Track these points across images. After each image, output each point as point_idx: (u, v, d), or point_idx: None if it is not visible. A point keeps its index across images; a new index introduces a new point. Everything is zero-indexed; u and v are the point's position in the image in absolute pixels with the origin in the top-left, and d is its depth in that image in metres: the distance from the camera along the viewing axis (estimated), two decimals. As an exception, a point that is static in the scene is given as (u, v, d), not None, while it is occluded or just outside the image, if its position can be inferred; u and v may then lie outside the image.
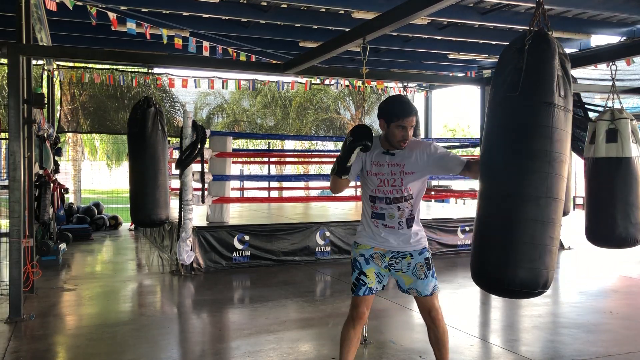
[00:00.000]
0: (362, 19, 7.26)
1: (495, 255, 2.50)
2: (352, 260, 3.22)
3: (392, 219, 3.08)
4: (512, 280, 2.43)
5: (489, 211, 2.58)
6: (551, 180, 2.42)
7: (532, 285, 2.43)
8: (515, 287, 2.44)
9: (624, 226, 4.17)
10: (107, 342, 4.46)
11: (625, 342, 4.44)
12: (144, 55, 6.74)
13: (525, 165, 2.42)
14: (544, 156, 2.41)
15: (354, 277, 3.16)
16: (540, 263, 2.41)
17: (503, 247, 2.46)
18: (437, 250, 8.67)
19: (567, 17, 8.39)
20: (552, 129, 2.42)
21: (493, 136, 2.58)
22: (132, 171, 5.40)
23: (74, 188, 19.75)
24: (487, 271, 2.56)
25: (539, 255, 2.41)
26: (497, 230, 2.51)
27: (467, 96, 42.88)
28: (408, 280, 3.13)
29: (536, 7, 2.61)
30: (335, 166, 3.02)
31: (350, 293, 3.19)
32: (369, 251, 3.15)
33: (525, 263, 2.41)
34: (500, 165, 2.51)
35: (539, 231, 2.41)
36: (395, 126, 2.97)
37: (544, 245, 2.42)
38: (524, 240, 2.41)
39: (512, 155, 2.46)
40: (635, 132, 4.29)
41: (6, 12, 7.61)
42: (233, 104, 17.30)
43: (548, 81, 2.45)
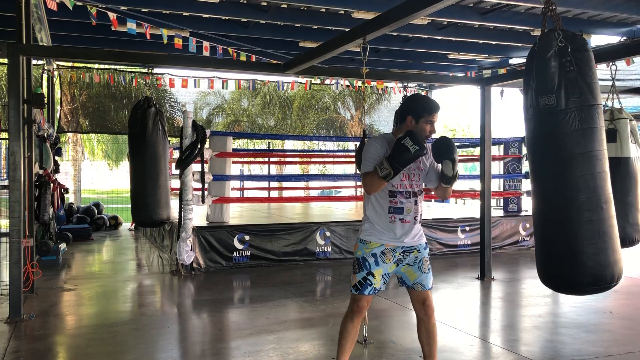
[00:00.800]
0: (362, 19, 7.26)
1: (561, 260, 2.58)
2: (359, 258, 3.18)
3: (409, 213, 3.16)
4: (582, 281, 2.54)
5: (550, 217, 2.64)
6: (599, 179, 2.53)
7: (602, 282, 2.56)
8: (586, 287, 2.57)
9: (622, 226, 4.16)
10: (107, 342, 4.46)
11: (625, 342, 4.44)
12: (144, 55, 6.75)
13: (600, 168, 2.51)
14: (602, 156, 2.51)
15: (360, 276, 3.15)
16: (606, 259, 2.55)
17: (566, 250, 2.55)
18: (437, 250, 8.68)
19: (567, 17, 8.40)
20: (601, 128, 2.54)
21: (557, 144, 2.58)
22: (133, 171, 5.41)
23: (74, 188, 19.75)
24: (556, 275, 2.64)
25: (604, 252, 2.54)
26: (558, 236, 2.58)
27: (467, 96, 42.87)
28: (413, 275, 3.19)
29: (545, 7, 2.62)
30: (389, 170, 2.95)
31: (352, 290, 3.20)
32: (380, 248, 3.15)
33: (590, 263, 2.51)
34: (550, 174, 2.57)
35: (594, 230, 2.51)
36: (425, 121, 3.11)
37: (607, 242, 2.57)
38: (583, 242, 2.52)
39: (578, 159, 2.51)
40: (634, 132, 4.30)
41: (6, 12, 7.61)
42: (233, 104, 17.30)
43: (596, 83, 2.54)
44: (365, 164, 3.10)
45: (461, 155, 17.67)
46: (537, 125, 2.60)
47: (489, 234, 6.99)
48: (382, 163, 2.98)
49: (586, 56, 2.53)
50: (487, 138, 6.97)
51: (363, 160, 3.13)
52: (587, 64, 2.52)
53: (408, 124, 3.13)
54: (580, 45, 2.54)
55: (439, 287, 6.44)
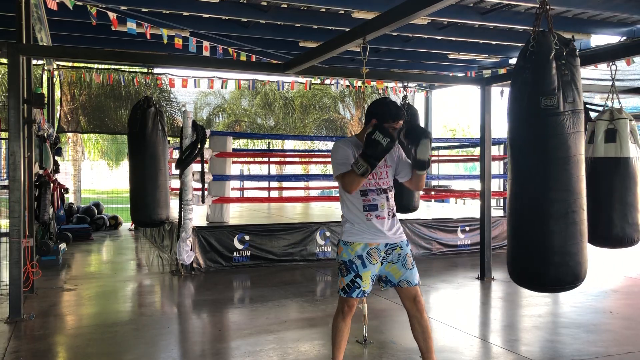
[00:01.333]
0: (362, 19, 7.26)
1: (531, 254, 2.66)
2: (345, 262, 3.21)
3: (383, 209, 3.21)
4: (549, 277, 2.61)
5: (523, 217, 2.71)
6: (577, 182, 2.61)
7: (567, 280, 2.63)
8: (552, 285, 2.65)
9: (621, 226, 4.18)
10: (107, 342, 4.46)
11: (625, 342, 4.44)
12: (144, 55, 6.75)
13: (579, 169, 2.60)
14: (583, 160, 2.58)
15: (348, 279, 3.18)
16: (574, 260, 2.61)
17: (538, 246, 2.62)
18: (437, 250, 8.68)
19: (567, 17, 8.40)
20: (583, 133, 2.61)
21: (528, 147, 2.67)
22: (133, 171, 5.41)
23: (74, 188, 19.74)
24: (526, 271, 2.72)
25: (573, 253, 2.62)
26: (531, 232, 2.65)
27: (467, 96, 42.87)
28: (397, 272, 3.22)
29: (539, 7, 2.63)
30: (366, 167, 2.98)
31: (340, 293, 3.23)
32: (365, 249, 3.18)
33: (558, 259, 2.59)
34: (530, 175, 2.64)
35: (570, 231, 2.59)
36: (389, 127, 3.13)
37: (577, 244, 2.64)
38: (557, 244, 2.60)
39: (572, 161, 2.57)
40: (634, 132, 4.30)
41: (6, 12, 7.61)
42: (233, 104, 17.30)
43: (581, 88, 2.61)
44: (337, 167, 3.16)
45: (461, 155, 17.66)
46: (531, 123, 2.61)
47: (489, 234, 6.99)
48: (357, 161, 3.01)
49: (577, 62, 2.61)
50: (487, 138, 6.98)
51: (334, 164, 3.18)
52: (578, 69, 2.60)
53: (371, 126, 3.16)
54: (572, 50, 2.61)
55: (439, 287, 6.44)
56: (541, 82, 2.55)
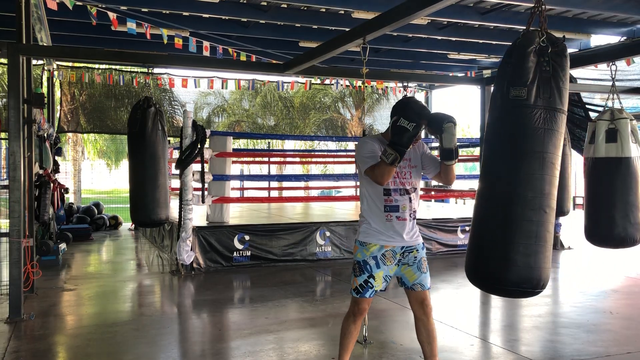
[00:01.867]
0: (362, 19, 7.26)
1: (491, 255, 2.56)
2: (359, 262, 3.17)
3: (405, 211, 3.16)
4: (507, 279, 2.50)
5: (486, 212, 2.64)
6: (556, 182, 2.52)
7: (527, 285, 2.50)
8: (510, 287, 2.52)
9: (622, 226, 4.18)
10: (107, 342, 4.46)
11: (625, 342, 4.44)
12: (144, 55, 6.74)
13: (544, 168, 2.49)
14: (556, 160, 2.49)
15: (361, 279, 3.14)
16: (534, 263, 2.48)
17: (499, 247, 2.52)
18: (437, 250, 8.68)
19: (567, 17, 8.39)
20: (561, 134, 2.52)
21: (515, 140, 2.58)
22: (132, 171, 5.41)
23: (74, 188, 19.74)
24: (483, 270, 2.62)
25: (535, 255, 2.48)
26: (493, 231, 2.57)
27: (466, 96, 42.87)
28: (412, 275, 3.19)
29: (538, 7, 2.62)
30: (394, 155, 2.92)
31: (353, 293, 3.19)
32: (380, 250, 3.14)
33: (520, 263, 2.47)
34: (498, 170, 2.58)
35: (532, 231, 2.47)
36: None
37: (540, 245, 2.49)
38: (518, 241, 2.48)
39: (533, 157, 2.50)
40: (634, 132, 4.30)
41: (6, 12, 7.60)
42: (233, 104, 17.30)
43: (566, 90, 2.53)
44: (365, 160, 3.09)
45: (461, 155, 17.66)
46: (500, 115, 2.58)
47: (489, 234, 6.97)
48: (385, 151, 2.96)
49: (564, 62, 2.54)
50: (487, 138, 6.95)
51: (361, 159, 3.12)
52: (563, 69, 2.53)
53: None
54: (560, 50, 2.55)
55: (439, 287, 6.43)
56: (514, 74, 2.52)
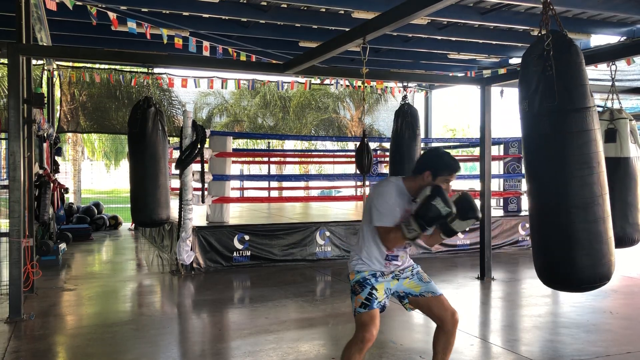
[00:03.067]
0: (362, 19, 7.25)
1: (560, 257, 2.63)
2: (358, 280, 3.06)
3: (403, 258, 3.16)
4: (580, 278, 2.62)
5: (549, 218, 2.66)
6: (602, 178, 2.55)
7: (606, 277, 2.63)
8: (583, 284, 2.65)
9: (621, 226, 4.18)
10: (107, 342, 4.46)
11: (625, 342, 4.44)
12: (144, 55, 6.74)
13: (576, 171, 2.53)
14: (593, 159, 2.52)
15: (365, 293, 3.02)
16: (601, 257, 2.57)
17: (566, 249, 2.59)
18: (437, 250, 8.67)
19: (567, 17, 8.39)
20: (592, 131, 2.54)
21: (539, 147, 2.64)
22: (133, 171, 5.41)
23: (74, 188, 19.73)
24: (555, 272, 2.70)
25: (607, 249, 2.58)
26: (558, 236, 2.62)
27: (467, 96, 42.90)
28: (416, 286, 3.18)
29: (544, 9, 2.62)
30: (417, 233, 2.83)
31: (359, 310, 3.02)
32: (378, 272, 3.10)
33: (587, 261, 2.56)
34: (553, 174, 2.58)
35: (603, 227, 2.54)
36: (443, 180, 2.98)
37: (609, 238, 2.59)
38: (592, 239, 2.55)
39: (563, 163, 2.54)
40: (634, 132, 4.30)
41: (6, 12, 7.60)
42: (233, 104, 17.30)
43: (582, 86, 2.55)
44: (380, 216, 2.96)
45: (461, 155, 17.67)
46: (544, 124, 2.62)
47: (488, 234, 6.99)
48: (409, 223, 2.84)
49: (566, 59, 2.56)
50: (487, 138, 6.97)
51: (378, 211, 2.97)
52: (572, 65, 2.55)
53: (425, 177, 2.98)
54: (565, 45, 2.56)
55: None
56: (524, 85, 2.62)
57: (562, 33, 2.59)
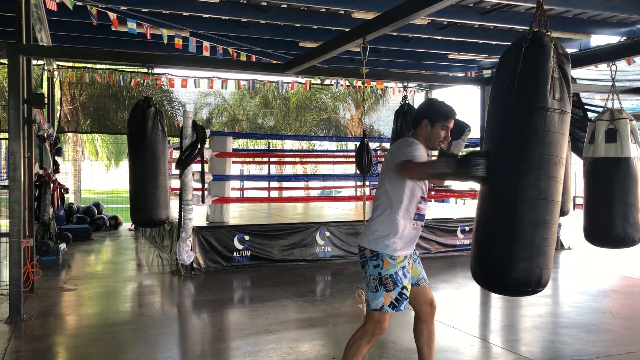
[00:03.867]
0: (362, 19, 7.26)
1: (493, 256, 2.59)
2: (392, 275, 2.96)
3: (424, 219, 3.14)
4: (507, 279, 2.53)
5: (487, 213, 2.66)
6: (544, 182, 2.47)
7: (525, 284, 2.52)
8: (509, 286, 2.55)
9: (622, 226, 4.18)
10: (107, 342, 4.46)
11: (625, 342, 4.44)
12: (144, 55, 6.74)
13: (518, 169, 2.49)
14: (537, 159, 2.47)
15: (396, 292, 2.96)
16: (533, 263, 2.50)
17: (500, 247, 2.56)
18: (437, 250, 8.67)
19: (567, 17, 8.39)
20: (545, 132, 2.47)
21: (491, 140, 2.65)
22: (132, 171, 5.41)
23: (74, 188, 19.74)
24: (485, 270, 2.65)
25: (532, 255, 2.49)
26: (494, 232, 2.60)
27: (467, 96, 42.89)
28: (415, 271, 3.20)
29: (537, 8, 2.63)
30: (450, 172, 2.76)
31: (387, 309, 2.97)
32: (406, 260, 3.05)
33: (519, 263, 2.50)
34: (497, 169, 2.57)
35: (532, 233, 2.48)
36: (441, 126, 3.06)
37: (537, 246, 2.50)
38: (518, 242, 2.49)
39: (507, 159, 2.53)
40: (634, 132, 4.30)
41: (6, 12, 7.60)
42: (233, 104, 17.30)
43: (541, 85, 2.48)
44: (412, 156, 2.92)
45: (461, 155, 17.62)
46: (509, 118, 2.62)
47: (489, 234, 6.97)
48: (446, 162, 2.82)
49: (535, 55, 2.53)
50: (487, 138, 6.95)
51: (409, 153, 2.93)
52: (535, 63, 2.51)
53: (423, 127, 3.07)
54: (536, 45, 2.56)
55: (439, 287, 6.43)
56: (495, 80, 2.61)
57: (543, 33, 2.60)
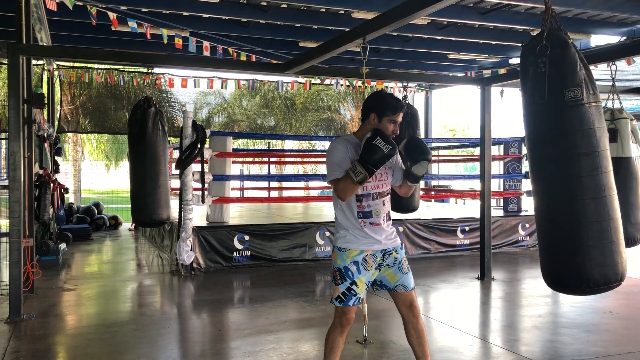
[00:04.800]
0: (362, 19, 7.26)
1: (567, 259, 2.57)
2: (340, 268, 3.03)
3: (378, 216, 3.06)
4: (589, 280, 2.54)
5: (554, 217, 2.62)
6: (606, 177, 2.52)
7: (609, 281, 2.57)
8: (594, 286, 2.56)
9: (623, 226, 4.17)
10: (107, 342, 4.46)
11: (625, 342, 4.44)
12: (144, 55, 6.74)
13: (580, 169, 2.50)
14: (595, 157, 2.49)
15: (343, 287, 3.00)
16: (611, 259, 2.53)
17: (574, 250, 2.54)
18: (437, 250, 8.67)
19: (567, 17, 8.39)
20: (593, 129, 2.50)
21: (539, 144, 2.62)
22: (133, 171, 5.41)
23: (74, 188, 19.74)
24: (561, 274, 2.63)
25: (609, 252, 2.53)
26: (565, 236, 2.57)
27: (467, 96, 42.92)
28: (393, 277, 3.11)
29: (546, 9, 2.62)
30: (364, 174, 2.83)
31: (335, 302, 3.04)
32: (361, 255, 3.04)
33: (598, 262, 2.51)
34: (555, 172, 2.56)
35: (605, 230, 2.51)
36: (389, 120, 3.01)
37: (613, 242, 2.54)
38: (592, 243, 2.51)
39: (564, 159, 2.52)
40: (635, 132, 4.30)
41: (6, 12, 7.60)
42: (233, 104, 17.30)
43: (576, 82, 2.51)
44: (332, 171, 2.98)
45: (461, 155, 17.67)
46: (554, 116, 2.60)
47: (488, 234, 6.99)
48: (354, 167, 2.85)
49: (559, 58, 2.53)
50: (487, 138, 6.97)
51: (329, 167, 3.00)
52: (559, 65, 2.52)
53: (371, 121, 3.03)
54: (559, 44, 2.54)
55: (439, 287, 6.43)
56: (523, 83, 2.59)
57: (560, 30, 2.60)
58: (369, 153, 2.83)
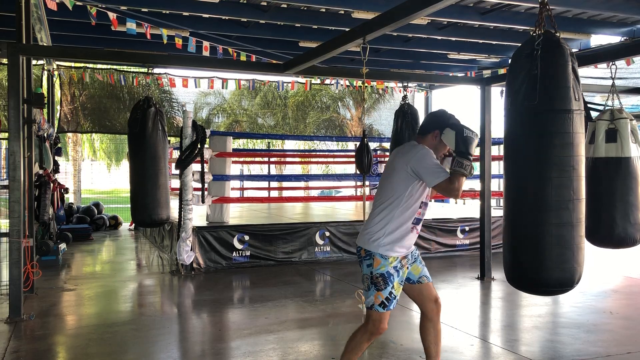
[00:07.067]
0: (362, 19, 7.26)
1: (530, 259, 2.61)
2: (383, 274, 3.03)
3: (421, 222, 3.19)
4: (549, 281, 2.58)
5: (520, 218, 2.68)
6: (576, 183, 2.53)
7: (568, 283, 2.59)
8: (553, 288, 2.60)
9: (622, 226, 4.17)
10: (107, 342, 4.46)
11: (625, 342, 4.44)
12: (144, 55, 6.74)
13: (550, 172, 2.52)
14: (568, 162, 2.51)
15: (386, 292, 3.03)
16: (573, 262, 2.56)
17: (537, 251, 2.58)
18: (436, 250, 8.67)
19: (567, 17, 8.40)
20: (572, 134, 2.52)
21: (517, 146, 2.67)
22: (133, 171, 5.41)
23: (74, 188, 19.74)
24: (523, 274, 2.68)
25: (572, 255, 2.55)
26: (530, 236, 2.61)
27: (467, 96, 42.92)
28: (417, 269, 3.23)
29: (540, 9, 2.62)
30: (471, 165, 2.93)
31: (378, 308, 3.05)
32: (399, 260, 3.09)
33: (560, 264, 2.54)
34: (528, 174, 2.61)
35: (570, 233, 2.54)
36: None
37: (576, 245, 2.56)
38: (557, 244, 2.54)
39: (538, 164, 2.55)
40: (634, 132, 4.30)
41: (6, 12, 7.60)
42: (233, 104, 17.30)
43: (565, 88, 2.52)
44: (440, 172, 2.98)
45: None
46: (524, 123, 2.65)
47: (489, 234, 6.99)
48: (461, 164, 2.92)
49: (554, 57, 2.54)
50: (487, 138, 6.98)
51: (433, 169, 2.99)
52: (556, 66, 2.53)
53: (433, 137, 3.15)
54: (553, 46, 2.54)
55: (439, 287, 6.42)
56: (510, 83, 2.64)
57: (553, 34, 2.59)
58: (469, 145, 2.97)
